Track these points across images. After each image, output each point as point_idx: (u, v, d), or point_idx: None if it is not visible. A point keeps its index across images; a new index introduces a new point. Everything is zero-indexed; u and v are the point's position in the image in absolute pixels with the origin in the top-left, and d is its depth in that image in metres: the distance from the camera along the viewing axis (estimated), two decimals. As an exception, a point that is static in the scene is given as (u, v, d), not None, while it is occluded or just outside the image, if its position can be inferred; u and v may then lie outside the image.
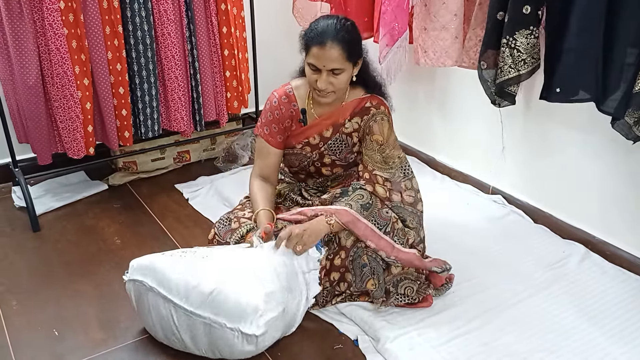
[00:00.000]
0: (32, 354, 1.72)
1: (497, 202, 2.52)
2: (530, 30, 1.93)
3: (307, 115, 1.92)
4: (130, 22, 2.45)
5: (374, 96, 1.91)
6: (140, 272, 1.68)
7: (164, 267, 1.65)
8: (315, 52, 1.73)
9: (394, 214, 1.83)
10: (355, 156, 1.94)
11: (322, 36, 1.72)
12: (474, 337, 1.73)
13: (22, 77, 2.29)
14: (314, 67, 1.76)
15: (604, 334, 1.75)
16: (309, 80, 1.82)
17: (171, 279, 1.61)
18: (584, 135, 2.15)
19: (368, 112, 1.88)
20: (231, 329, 1.54)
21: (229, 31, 2.71)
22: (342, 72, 1.77)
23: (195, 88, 2.69)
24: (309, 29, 1.78)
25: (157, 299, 1.63)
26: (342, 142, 1.92)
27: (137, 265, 1.70)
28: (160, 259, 1.69)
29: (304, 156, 1.96)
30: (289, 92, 1.93)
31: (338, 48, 1.72)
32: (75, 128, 2.41)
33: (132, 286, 1.71)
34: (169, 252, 1.74)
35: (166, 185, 2.79)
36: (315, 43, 1.73)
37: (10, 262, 2.18)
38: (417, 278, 1.85)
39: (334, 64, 1.74)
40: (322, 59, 1.73)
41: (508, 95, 2.10)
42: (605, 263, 2.10)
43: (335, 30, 1.73)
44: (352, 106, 1.89)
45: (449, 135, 2.80)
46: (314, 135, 1.92)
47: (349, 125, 1.90)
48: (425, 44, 2.39)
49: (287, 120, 1.94)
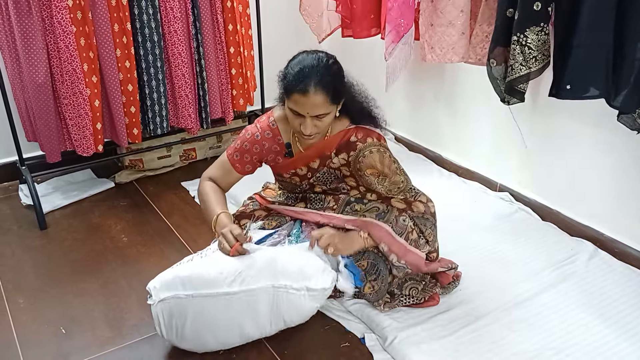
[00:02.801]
0: (39, 351, 1.72)
1: (504, 199, 2.51)
2: (541, 27, 1.91)
3: (293, 148, 1.83)
4: (137, 20, 2.45)
5: (359, 128, 1.77)
6: (167, 289, 1.60)
7: (193, 273, 1.59)
8: (297, 99, 1.60)
9: (411, 224, 1.77)
10: (350, 188, 1.87)
11: (305, 83, 1.57)
12: (481, 335, 1.72)
13: (30, 75, 2.30)
14: (297, 113, 1.64)
15: (612, 332, 1.74)
16: (292, 124, 1.70)
17: (210, 276, 1.57)
18: (593, 132, 2.13)
19: (355, 148, 1.75)
20: (297, 289, 1.56)
21: (235, 28, 2.70)
22: (327, 115, 1.65)
23: (201, 85, 2.69)
24: (289, 71, 1.63)
25: (202, 302, 1.57)
26: (331, 175, 1.84)
27: (160, 284, 1.62)
28: (181, 269, 1.63)
29: (294, 185, 1.92)
30: (272, 126, 1.81)
31: (322, 93, 1.58)
32: (84, 125, 2.42)
33: (161, 307, 1.60)
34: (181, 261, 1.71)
35: (172, 183, 2.79)
36: (298, 90, 1.58)
37: (17, 260, 2.19)
38: (422, 278, 1.84)
39: (319, 110, 1.61)
40: (305, 106, 1.60)
41: (518, 93, 2.08)
42: (614, 261, 2.08)
43: (318, 74, 1.58)
44: (338, 139, 1.77)
45: (455, 132, 2.79)
46: (301, 167, 1.84)
47: (337, 161, 1.80)
48: (432, 40, 2.38)
49: (270, 155, 1.85)
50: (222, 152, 3.03)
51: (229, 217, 1.77)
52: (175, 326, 1.62)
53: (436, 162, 2.89)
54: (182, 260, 1.72)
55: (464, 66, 2.43)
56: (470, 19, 2.29)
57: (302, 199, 1.96)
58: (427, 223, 1.81)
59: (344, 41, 2.85)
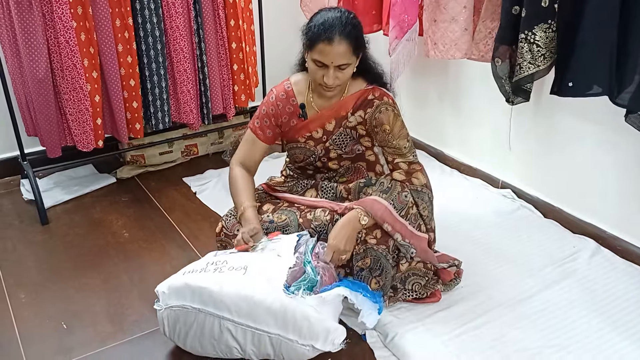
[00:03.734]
0: (41, 347, 1.72)
1: (506, 196, 2.50)
2: (549, 24, 1.89)
3: (308, 109, 1.89)
4: (139, 15, 2.44)
5: (376, 88, 1.85)
6: (175, 296, 1.58)
7: (204, 285, 1.55)
8: (322, 48, 1.68)
9: (411, 199, 1.80)
10: (364, 149, 1.92)
11: (329, 32, 1.67)
12: (483, 333, 1.72)
13: (31, 70, 2.29)
14: (320, 63, 1.72)
15: (614, 329, 1.73)
16: (314, 76, 1.77)
17: (222, 296, 1.53)
18: (596, 129, 2.13)
19: (372, 105, 1.83)
20: (303, 345, 1.51)
21: (237, 24, 2.69)
22: (348, 66, 1.73)
23: (202, 81, 2.69)
24: (313, 24, 1.72)
25: (207, 319, 1.55)
26: (347, 136, 1.89)
27: (169, 289, 1.60)
28: (193, 278, 1.60)
29: (308, 150, 1.93)
30: (287, 88, 1.90)
31: (346, 43, 1.68)
32: (84, 121, 2.42)
33: (168, 313, 1.60)
34: (193, 268, 1.67)
35: (174, 178, 2.79)
36: (323, 39, 1.67)
37: (18, 255, 2.19)
38: (425, 274, 1.83)
39: (342, 60, 1.70)
40: (330, 55, 1.68)
41: (523, 92, 2.06)
42: (616, 258, 2.08)
43: (342, 25, 1.68)
44: (354, 99, 1.86)
45: (458, 129, 2.78)
46: (316, 129, 1.89)
47: (353, 119, 1.86)
48: (435, 36, 2.37)
49: (284, 117, 1.91)
50: (223, 148, 3.06)
51: (254, 212, 1.80)
52: (179, 331, 1.61)
53: (438, 159, 2.88)
54: (195, 265, 1.68)
55: (468, 62, 2.42)
56: (474, 15, 2.28)
57: (313, 185, 1.97)
58: (425, 197, 1.84)
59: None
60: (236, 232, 1.83)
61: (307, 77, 1.88)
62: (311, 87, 1.88)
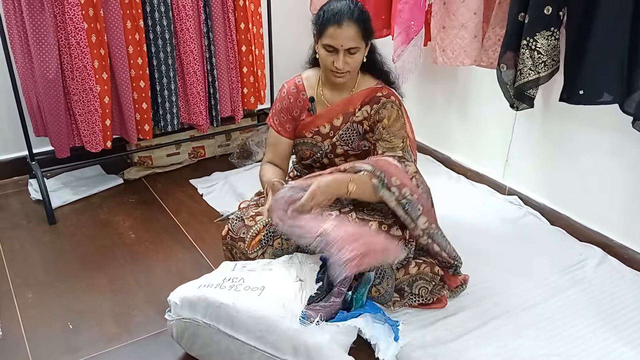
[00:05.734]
0: (48, 347, 1.73)
1: (513, 203, 2.50)
2: (551, 32, 1.90)
3: (317, 102, 1.94)
4: (149, 17, 2.46)
5: (385, 87, 1.92)
6: (187, 309, 1.57)
7: (219, 302, 1.53)
8: (332, 32, 1.75)
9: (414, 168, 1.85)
10: (370, 146, 1.94)
11: (339, 16, 1.74)
12: (488, 340, 1.71)
13: (41, 71, 2.31)
14: (330, 47, 1.78)
15: (621, 339, 1.73)
16: (325, 62, 1.82)
17: (236, 316, 1.50)
18: (603, 137, 2.12)
19: (378, 101, 1.88)
20: None
21: (247, 27, 2.71)
22: (358, 52, 1.79)
23: (212, 84, 2.70)
24: (322, 11, 1.80)
25: (219, 336, 1.54)
26: (353, 131, 1.92)
27: (181, 301, 1.59)
28: (209, 292, 1.57)
29: (315, 146, 1.96)
30: (298, 83, 1.96)
31: (355, 26, 1.75)
32: (93, 122, 2.43)
33: (177, 323, 1.60)
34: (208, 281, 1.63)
35: (181, 180, 2.80)
36: (332, 23, 1.75)
37: (26, 254, 2.20)
38: (432, 279, 1.84)
39: (351, 43, 1.76)
40: (340, 38, 1.75)
41: (527, 98, 2.07)
42: (623, 267, 2.07)
43: (350, 9, 1.76)
44: (363, 96, 1.90)
45: (465, 134, 2.78)
46: (324, 123, 1.93)
47: (359, 114, 1.90)
48: (444, 43, 2.37)
49: (295, 110, 1.96)
50: (230, 150, 3.07)
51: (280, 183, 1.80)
52: (186, 340, 1.61)
53: (445, 165, 2.88)
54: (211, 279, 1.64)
55: (476, 69, 2.41)
56: (483, 21, 2.28)
57: None
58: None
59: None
60: (242, 235, 1.84)
61: (317, 73, 1.94)
62: (321, 81, 1.94)
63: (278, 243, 1.83)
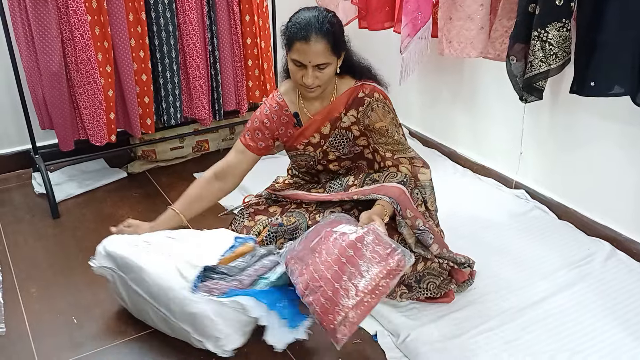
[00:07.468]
0: (52, 341, 1.72)
1: (520, 197, 2.48)
2: (563, 23, 1.87)
3: (301, 116, 1.87)
4: (152, 9, 2.44)
5: (365, 84, 1.81)
6: (110, 261, 1.71)
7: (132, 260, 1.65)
8: (299, 48, 1.65)
9: (420, 197, 1.81)
10: (362, 148, 1.89)
11: (305, 31, 1.63)
12: (495, 335, 1.70)
13: (45, 64, 2.29)
14: (298, 62, 1.68)
15: (630, 334, 1.71)
16: (294, 77, 1.74)
17: (147, 280, 1.61)
18: (612, 128, 2.09)
19: (362, 103, 1.80)
20: (197, 339, 1.59)
21: (252, 19, 2.68)
22: (328, 66, 1.69)
23: (214, 77, 2.68)
24: (290, 23, 1.69)
25: (130, 290, 1.68)
26: (342, 137, 1.86)
27: (106, 252, 1.72)
28: (126, 250, 1.68)
29: (308, 156, 1.92)
30: (279, 100, 1.87)
31: (323, 41, 1.64)
32: (98, 115, 2.41)
33: (102, 272, 1.75)
34: (133, 240, 1.74)
35: (185, 174, 2.78)
36: (299, 38, 1.64)
37: (29, 248, 2.19)
38: (440, 274, 1.82)
39: (320, 59, 1.66)
40: (307, 54, 1.65)
41: (536, 90, 2.04)
42: (631, 261, 2.05)
43: (318, 22, 1.64)
44: (345, 98, 1.81)
45: (471, 128, 2.75)
46: (312, 134, 1.87)
47: (346, 120, 1.83)
48: (450, 34, 2.34)
49: (280, 128, 1.88)
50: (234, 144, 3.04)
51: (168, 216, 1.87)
52: (114, 286, 1.75)
53: (451, 158, 2.85)
54: (135, 237, 1.76)
55: (483, 61, 2.39)
56: (490, 13, 2.25)
57: (321, 186, 1.96)
58: (432, 192, 1.86)
59: (361, 32, 2.82)
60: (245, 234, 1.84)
61: (294, 85, 1.85)
62: (300, 94, 1.86)
63: (281, 243, 1.81)
